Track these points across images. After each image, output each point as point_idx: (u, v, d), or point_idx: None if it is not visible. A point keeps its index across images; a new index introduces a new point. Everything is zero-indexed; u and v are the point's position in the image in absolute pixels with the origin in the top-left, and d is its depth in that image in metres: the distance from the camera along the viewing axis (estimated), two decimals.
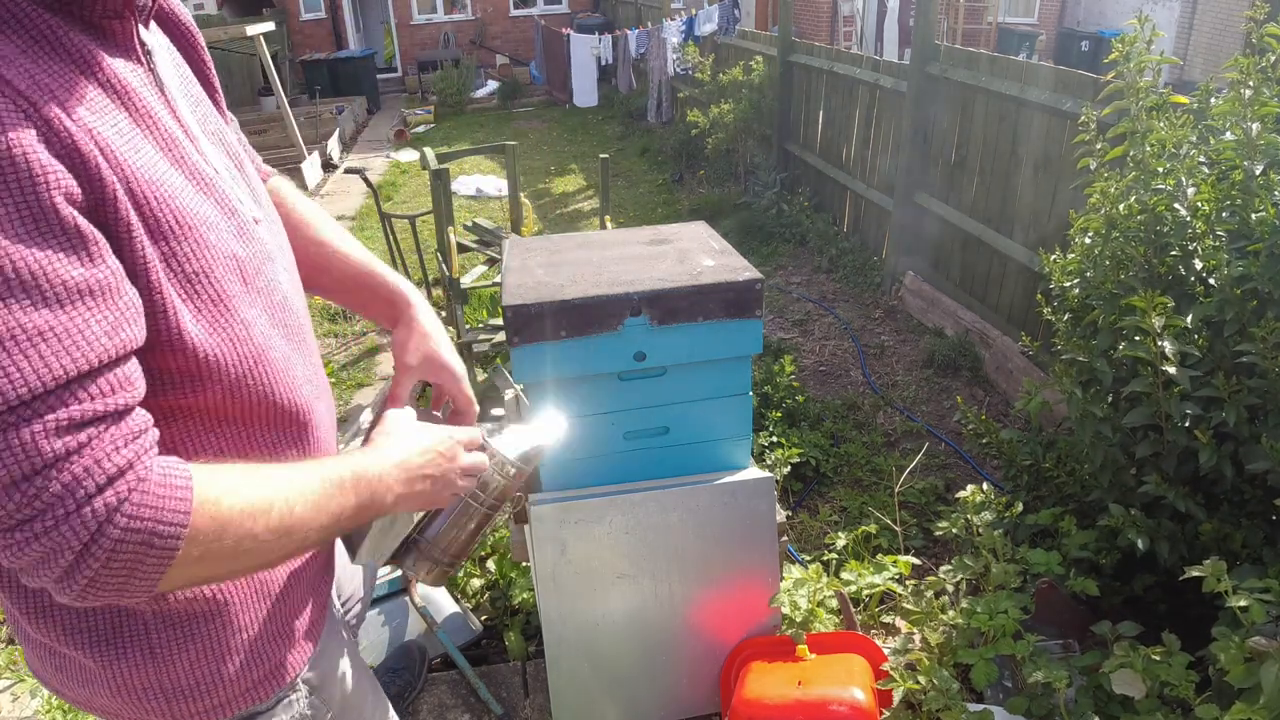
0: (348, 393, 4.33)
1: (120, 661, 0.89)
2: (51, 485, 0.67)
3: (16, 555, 0.68)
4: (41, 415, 0.67)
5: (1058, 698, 1.78)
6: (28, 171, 0.66)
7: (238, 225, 0.89)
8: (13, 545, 0.68)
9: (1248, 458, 1.82)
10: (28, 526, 0.67)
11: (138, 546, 0.71)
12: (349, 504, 0.88)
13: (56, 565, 0.69)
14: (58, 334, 0.68)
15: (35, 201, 0.67)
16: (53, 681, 0.96)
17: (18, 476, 0.66)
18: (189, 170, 0.84)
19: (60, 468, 0.67)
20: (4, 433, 0.66)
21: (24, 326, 0.66)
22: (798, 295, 5.26)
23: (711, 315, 1.82)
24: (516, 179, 4.29)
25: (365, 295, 1.22)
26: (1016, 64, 3.91)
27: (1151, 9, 12.92)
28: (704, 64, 7.33)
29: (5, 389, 0.65)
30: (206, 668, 0.94)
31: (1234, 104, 1.97)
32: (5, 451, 0.66)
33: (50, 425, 0.67)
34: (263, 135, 9.74)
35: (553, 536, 1.93)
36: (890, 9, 11.77)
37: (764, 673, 1.90)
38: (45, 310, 0.67)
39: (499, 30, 16.47)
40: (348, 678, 1.14)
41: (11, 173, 0.66)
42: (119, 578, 0.71)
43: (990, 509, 2.22)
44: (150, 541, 0.71)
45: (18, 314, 0.66)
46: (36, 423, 0.67)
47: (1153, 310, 1.85)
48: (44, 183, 0.67)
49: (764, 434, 3.37)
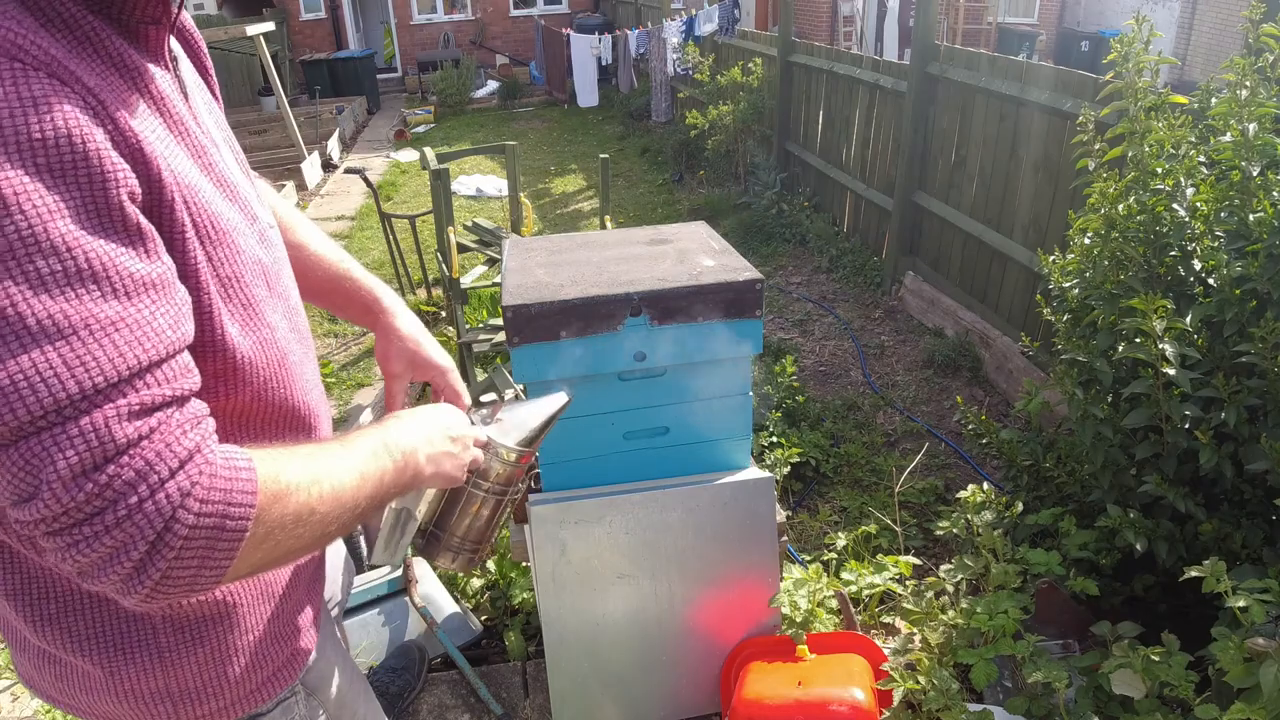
0: (348, 393, 4.33)
1: (128, 666, 0.89)
2: (124, 472, 0.66)
3: (84, 553, 0.66)
4: (114, 401, 0.67)
5: (1057, 698, 1.79)
6: (99, 169, 0.68)
7: (259, 232, 0.91)
8: (81, 541, 0.66)
9: (1247, 458, 1.82)
10: (98, 519, 0.66)
11: (210, 531, 0.70)
12: (388, 470, 0.89)
13: (127, 560, 0.67)
14: (129, 324, 0.68)
15: (104, 198, 0.68)
16: (50, 690, 0.95)
17: (89, 465, 0.65)
18: (216, 177, 0.85)
19: (132, 454, 0.67)
20: (76, 420, 0.65)
21: (97, 316, 0.67)
22: (798, 295, 5.26)
23: (711, 315, 1.82)
24: (516, 179, 4.29)
25: (341, 299, 1.23)
26: (1016, 64, 3.91)
27: (1151, 9, 12.93)
28: (704, 64, 7.33)
29: (82, 377, 0.65)
30: (213, 670, 0.94)
31: (1231, 104, 1.97)
32: (78, 438, 0.65)
33: (123, 410, 0.67)
34: (263, 135, 9.75)
35: (553, 536, 1.93)
36: (890, 9, 11.77)
37: (764, 673, 1.90)
38: (115, 301, 0.68)
39: (499, 30, 16.47)
40: (342, 680, 1.15)
41: (84, 169, 0.67)
42: (190, 568, 0.70)
43: (990, 509, 2.22)
44: (222, 525, 0.70)
45: (89, 304, 0.66)
46: (109, 408, 0.66)
47: (1153, 313, 1.85)
48: (114, 181, 0.68)
49: (764, 434, 3.37)
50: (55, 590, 0.85)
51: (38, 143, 0.65)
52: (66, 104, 0.67)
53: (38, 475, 0.64)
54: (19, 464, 0.65)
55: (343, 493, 0.82)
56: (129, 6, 0.77)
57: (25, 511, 0.65)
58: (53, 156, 0.65)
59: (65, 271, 0.65)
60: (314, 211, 7.78)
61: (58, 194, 0.65)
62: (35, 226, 0.64)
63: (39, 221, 0.64)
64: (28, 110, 0.65)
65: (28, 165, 0.64)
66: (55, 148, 0.66)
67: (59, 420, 0.65)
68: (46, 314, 0.64)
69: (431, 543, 1.13)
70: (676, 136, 8.57)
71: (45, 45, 0.68)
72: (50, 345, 0.64)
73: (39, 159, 0.65)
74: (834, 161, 5.97)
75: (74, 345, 0.65)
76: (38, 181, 0.65)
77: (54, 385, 0.64)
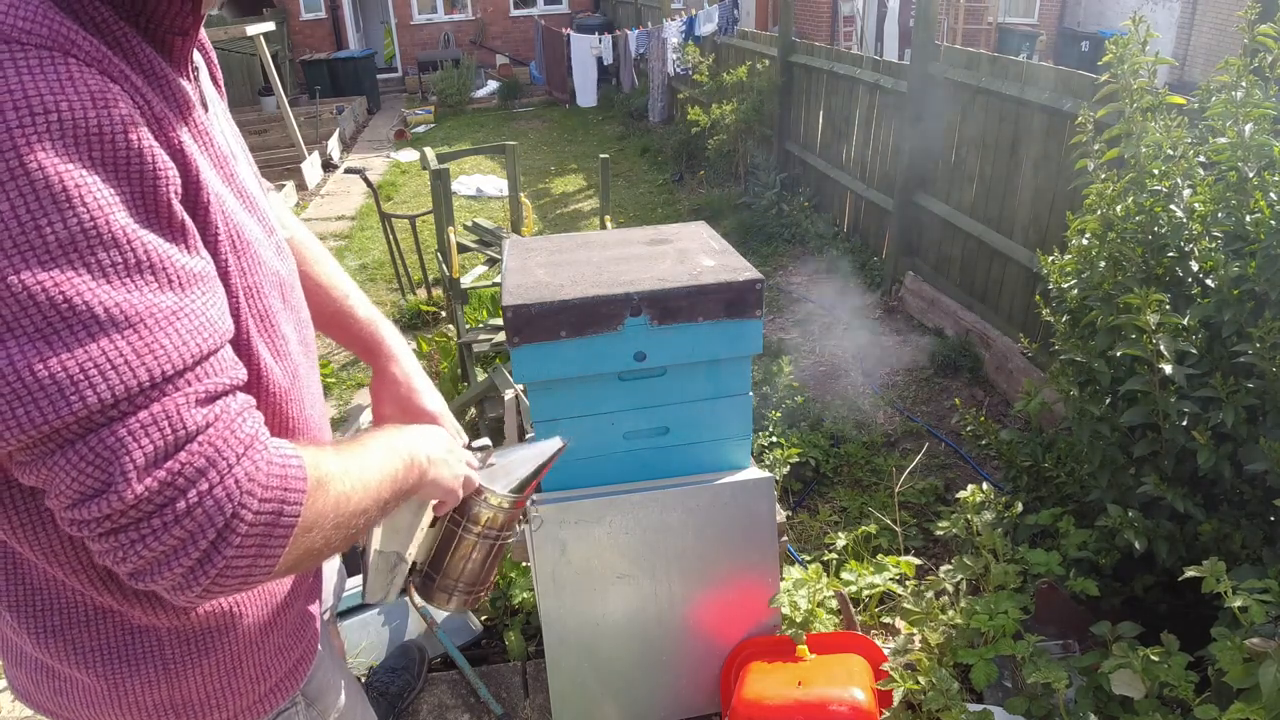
0: (348, 393, 4.33)
1: (133, 679, 0.88)
2: (195, 459, 0.66)
3: (150, 546, 0.66)
4: (181, 389, 0.67)
5: (1057, 698, 1.79)
6: (151, 165, 0.69)
7: (276, 244, 0.92)
8: (148, 535, 0.66)
9: (1246, 458, 1.83)
10: (169, 509, 0.66)
11: (269, 518, 0.70)
12: (399, 468, 0.90)
13: (194, 551, 0.67)
14: (188, 314, 0.69)
15: (154, 194, 0.69)
16: (48, 704, 0.94)
17: (161, 452, 0.65)
18: (236, 189, 0.86)
19: (202, 440, 0.67)
20: (148, 408, 0.65)
21: (160, 306, 0.67)
22: (798, 295, 5.26)
23: (711, 315, 1.82)
24: (516, 179, 4.29)
25: (343, 334, 1.24)
26: (1016, 64, 3.91)
27: (1151, 9, 12.92)
28: (704, 64, 7.33)
29: (151, 365, 0.65)
30: (218, 682, 0.93)
31: (1227, 105, 1.97)
32: (152, 426, 0.65)
33: (192, 398, 0.68)
34: (263, 135, 9.75)
35: (553, 536, 1.93)
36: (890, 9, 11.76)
37: (764, 673, 1.90)
38: (172, 292, 0.69)
39: (499, 30, 16.47)
40: (339, 688, 1.15)
41: (138, 164, 0.68)
42: (249, 558, 0.70)
43: (990, 509, 2.23)
44: (280, 511, 0.71)
45: (150, 294, 0.67)
46: (180, 395, 0.67)
47: (1148, 308, 1.85)
48: (163, 178, 0.69)
49: (764, 434, 3.38)
50: (60, 602, 0.84)
51: (94, 136, 0.65)
52: (121, 100, 0.68)
53: (109, 468, 0.64)
54: (88, 458, 0.64)
55: (369, 485, 0.84)
56: (159, 15, 0.77)
57: (88, 509, 0.65)
58: (108, 150, 0.66)
59: (125, 263, 0.66)
60: (314, 211, 7.79)
61: (114, 187, 0.66)
62: (98, 218, 0.65)
63: (100, 214, 0.65)
64: (85, 104, 0.65)
65: (85, 158, 0.65)
66: (112, 142, 0.66)
67: (130, 410, 0.65)
68: (114, 303, 0.65)
69: (427, 584, 1.13)
70: (676, 136, 8.57)
71: (95, 43, 0.69)
72: (119, 334, 0.65)
73: (94, 152, 0.65)
74: (834, 161, 5.97)
75: (141, 334, 0.66)
76: (95, 174, 0.65)
77: (125, 374, 0.64)
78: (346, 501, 0.80)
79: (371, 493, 0.84)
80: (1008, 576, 2.02)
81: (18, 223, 0.62)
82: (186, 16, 0.79)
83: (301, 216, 7.58)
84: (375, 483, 0.85)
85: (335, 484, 0.78)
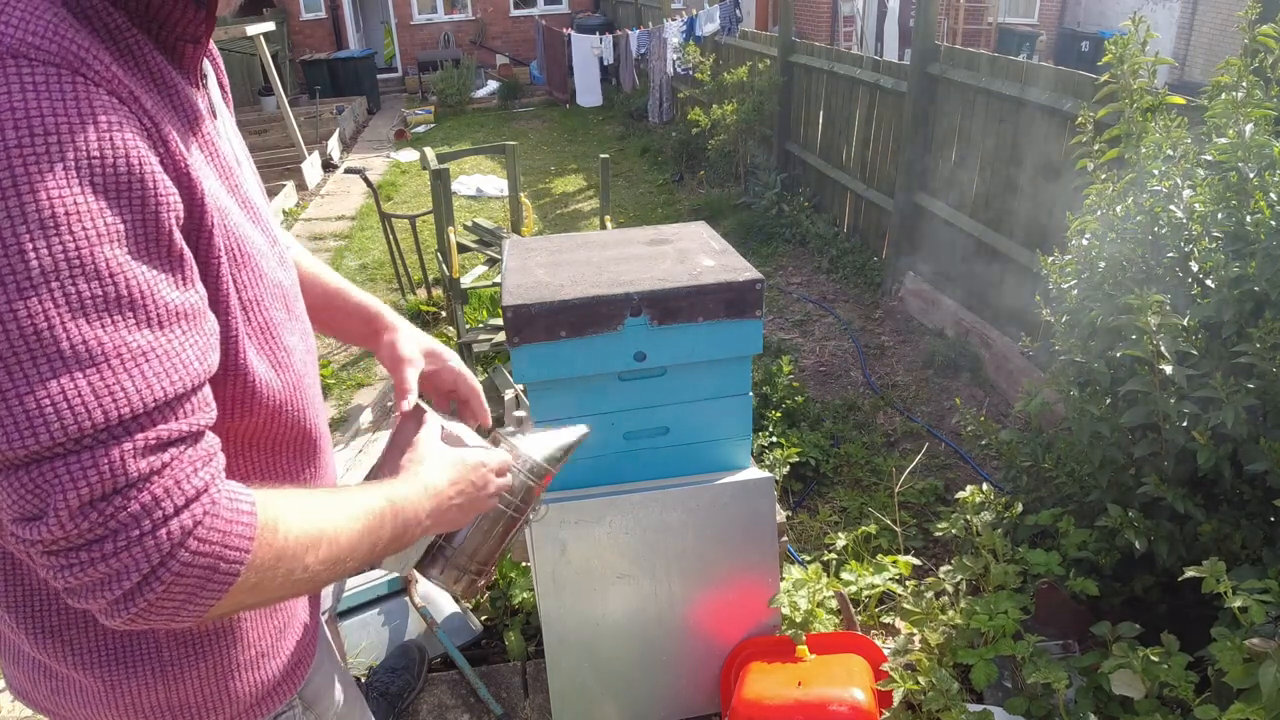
0: (348, 393, 4.33)
1: (130, 680, 0.88)
2: (130, 505, 0.65)
3: (77, 575, 0.66)
4: (131, 435, 0.66)
5: (1057, 698, 1.79)
6: (153, 193, 0.67)
7: (279, 255, 0.91)
8: (75, 565, 0.65)
9: (1246, 458, 1.83)
10: (96, 547, 0.65)
11: (202, 571, 0.69)
12: (385, 535, 0.88)
13: (117, 588, 0.67)
14: (159, 355, 0.68)
15: (155, 224, 0.68)
16: (45, 703, 0.94)
17: (98, 495, 0.65)
18: (241, 199, 0.85)
19: (141, 488, 0.66)
20: (92, 450, 0.64)
21: (129, 345, 0.66)
22: (798, 295, 5.26)
23: (711, 315, 1.82)
24: (517, 179, 4.29)
25: (338, 314, 1.21)
26: (1016, 64, 3.91)
27: (1151, 9, 12.93)
28: (705, 64, 7.33)
29: (109, 407, 0.64)
30: (215, 685, 0.93)
31: (1228, 105, 1.97)
32: (92, 469, 0.64)
33: (140, 445, 0.66)
34: (263, 135, 9.75)
35: (553, 536, 1.93)
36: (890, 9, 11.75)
37: (764, 673, 1.90)
38: (148, 330, 0.67)
39: (499, 30, 16.47)
40: (337, 690, 1.15)
41: (139, 192, 0.67)
42: (175, 602, 0.70)
43: (990, 509, 2.23)
44: (215, 566, 0.70)
45: (124, 332, 0.66)
46: (127, 441, 0.66)
47: (1148, 308, 1.85)
48: (165, 206, 0.68)
49: (764, 434, 3.38)
50: (58, 603, 0.85)
51: (95, 161, 0.64)
52: (126, 124, 0.67)
53: (46, 500, 0.64)
54: (29, 486, 0.64)
55: (339, 556, 0.82)
56: (171, 22, 0.76)
57: (27, 530, 0.65)
58: (109, 177, 0.65)
59: (105, 297, 0.65)
60: (314, 211, 7.79)
61: (109, 216, 0.65)
62: (83, 249, 0.63)
63: (86, 244, 0.64)
64: (88, 127, 0.64)
65: (83, 183, 0.64)
66: (113, 168, 0.65)
67: (76, 449, 0.64)
68: (81, 339, 0.64)
69: (437, 558, 1.11)
70: (676, 136, 8.58)
71: (106, 61, 0.68)
72: (80, 372, 0.64)
73: (94, 179, 0.64)
74: (834, 162, 5.97)
75: (104, 374, 0.65)
76: (91, 201, 0.64)
77: (80, 414, 0.63)
78: (303, 568, 0.78)
79: (340, 559, 0.82)
80: (1008, 577, 2.02)
81: (2, 244, 0.61)
82: (200, 24, 0.78)
83: (301, 216, 7.58)
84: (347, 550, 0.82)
85: (295, 553, 0.76)
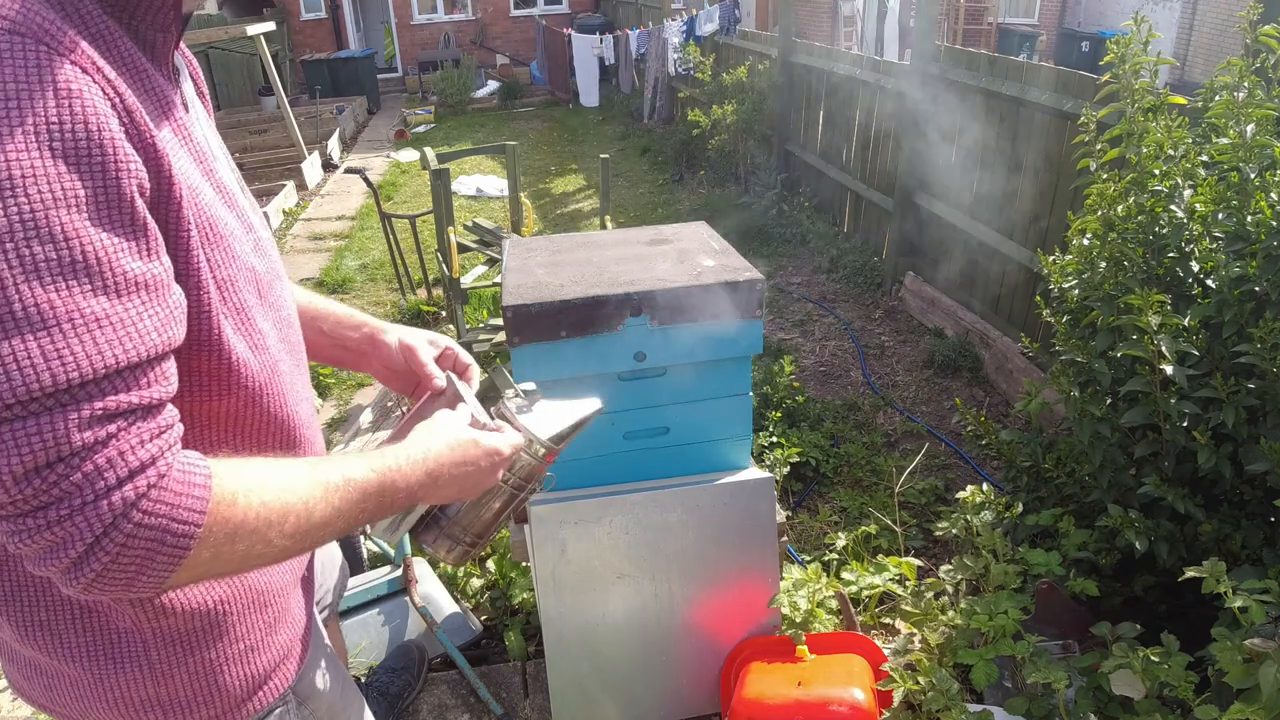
0: (348, 393, 4.33)
1: (118, 675, 0.89)
2: (72, 475, 0.66)
3: (26, 541, 0.67)
4: (79, 403, 0.66)
5: (1057, 698, 1.79)
6: (113, 159, 0.67)
7: (254, 241, 0.91)
8: (23, 531, 0.66)
9: (1247, 458, 1.83)
10: (41, 514, 0.66)
11: (150, 543, 0.69)
12: (369, 508, 0.88)
13: (65, 555, 0.67)
14: (114, 322, 0.68)
15: (116, 189, 0.68)
16: (40, 699, 0.94)
17: (41, 462, 0.65)
18: (215, 183, 0.86)
19: (84, 457, 0.66)
20: (38, 417, 0.65)
21: (83, 310, 0.66)
22: (798, 295, 5.26)
23: (712, 315, 1.82)
24: (517, 179, 4.29)
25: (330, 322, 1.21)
26: (1016, 64, 3.91)
27: (1152, 9, 12.93)
28: (705, 64, 7.33)
29: (57, 370, 0.64)
30: (204, 680, 0.93)
31: (1229, 105, 1.97)
32: (36, 436, 0.64)
33: (85, 414, 0.66)
34: (263, 135, 9.75)
35: (553, 536, 1.93)
36: (890, 9, 11.75)
37: (764, 673, 1.90)
38: (104, 298, 0.67)
39: (499, 30, 16.47)
40: (332, 687, 1.15)
41: (99, 158, 0.67)
42: (128, 573, 0.70)
43: (990, 509, 2.23)
44: (163, 539, 0.70)
45: (78, 298, 0.66)
46: (72, 411, 0.66)
47: (1149, 308, 1.85)
48: (126, 172, 0.68)
49: (764, 434, 3.37)
50: (46, 599, 0.85)
51: (54, 127, 0.65)
52: (87, 91, 0.67)
53: None
54: None
55: (309, 530, 0.81)
56: (140, 10, 0.77)
57: None
58: (68, 142, 0.65)
59: (60, 260, 0.65)
60: (314, 211, 7.79)
61: (67, 180, 0.65)
62: (38, 211, 0.64)
63: (41, 207, 0.64)
64: (48, 93, 0.65)
65: (42, 148, 0.64)
66: (72, 133, 0.65)
67: (21, 414, 0.64)
68: (34, 301, 0.64)
69: (431, 526, 1.09)
70: (676, 136, 8.57)
71: (73, 36, 0.69)
72: (31, 334, 0.64)
73: (54, 143, 0.65)
74: (834, 162, 5.97)
75: (54, 337, 0.65)
76: (49, 165, 0.65)
77: (29, 375, 0.63)
78: (265, 544, 0.77)
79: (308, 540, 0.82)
80: (1008, 577, 2.02)
81: None
82: (168, 12, 0.80)
83: (301, 216, 7.58)
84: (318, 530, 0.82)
85: (256, 527, 0.76)
